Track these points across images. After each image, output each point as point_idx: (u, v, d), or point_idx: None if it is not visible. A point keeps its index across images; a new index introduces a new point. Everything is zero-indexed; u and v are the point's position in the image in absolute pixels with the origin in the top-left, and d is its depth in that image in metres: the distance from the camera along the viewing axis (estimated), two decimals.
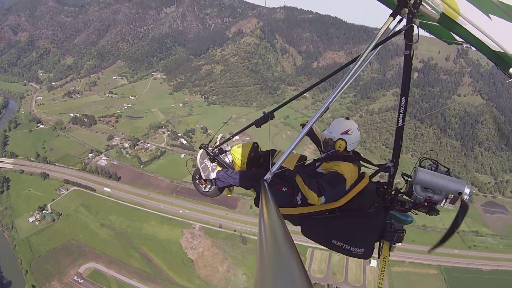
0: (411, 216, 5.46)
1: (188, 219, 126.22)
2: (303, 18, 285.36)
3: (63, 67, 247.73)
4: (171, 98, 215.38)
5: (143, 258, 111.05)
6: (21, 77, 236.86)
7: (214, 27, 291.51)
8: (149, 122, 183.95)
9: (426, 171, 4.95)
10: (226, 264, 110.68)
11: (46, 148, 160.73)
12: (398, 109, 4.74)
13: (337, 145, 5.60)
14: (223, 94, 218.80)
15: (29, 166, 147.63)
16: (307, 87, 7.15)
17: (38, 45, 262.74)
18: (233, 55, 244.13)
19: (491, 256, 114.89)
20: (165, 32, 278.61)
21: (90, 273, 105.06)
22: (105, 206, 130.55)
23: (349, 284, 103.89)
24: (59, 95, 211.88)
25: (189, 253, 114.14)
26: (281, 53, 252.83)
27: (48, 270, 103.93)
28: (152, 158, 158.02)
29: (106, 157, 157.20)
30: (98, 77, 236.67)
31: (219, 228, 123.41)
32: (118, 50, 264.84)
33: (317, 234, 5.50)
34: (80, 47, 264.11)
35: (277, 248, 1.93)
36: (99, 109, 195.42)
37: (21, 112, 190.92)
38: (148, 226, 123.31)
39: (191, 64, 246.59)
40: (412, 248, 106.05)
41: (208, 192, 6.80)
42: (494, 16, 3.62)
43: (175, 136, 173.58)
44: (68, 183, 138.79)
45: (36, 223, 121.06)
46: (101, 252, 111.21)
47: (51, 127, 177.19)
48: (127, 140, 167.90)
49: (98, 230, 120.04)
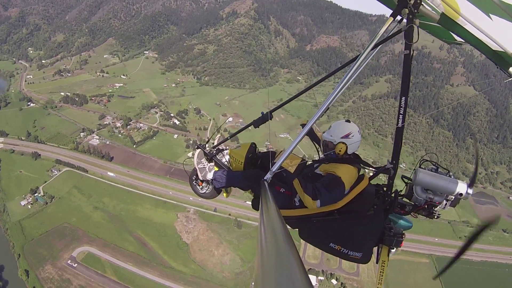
0: (410, 221, 5.42)
1: (183, 202, 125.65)
2: (298, 1, 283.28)
3: (53, 44, 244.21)
4: (163, 78, 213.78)
5: (137, 242, 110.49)
6: (11, 54, 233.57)
7: (208, 7, 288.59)
8: (141, 102, 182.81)
9: (427, 172, 4.90)
10: (221, 248, 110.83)
11: (37, 127, 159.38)
12: (398, 109, 4.72)
13: (337, 148, 5.51)
14: (215, 75, 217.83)
15: (20, 145, 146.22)
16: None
17: (29, 21, 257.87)
18: (227, 35, 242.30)
19: (481, 247, 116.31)
20: (158, 10, 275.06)
21: (84, 257, 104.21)
22: (98, 188, 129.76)
23: (343, 271, 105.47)
24: (49, 73, 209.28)
25: (184, 237, 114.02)
26: (274, 35, 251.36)
27: (41, 254, 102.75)
28: (145, 138, 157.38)
29: (98, 137, 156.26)
30: (89, 55, 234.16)
31: (214, 212, 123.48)
32: (109, 27, 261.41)
33: (314, 236, 5.44)
34: (71, 24, 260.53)
35: (278, 248, 1.94)
36: (90, 88, 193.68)
37: (11, 91, 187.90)
38: (142, 209, 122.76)
39: (184, 43, 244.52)
40: (405, 236, 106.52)
41: (205, 193, 6.70)
42: (495, 16, 3.68)
43: (167, 117, 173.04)
44: (60, 163, 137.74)
45: (29, 206, 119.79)
46: (95, 236, 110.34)
47: (41, 106, 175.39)
48: (119, 119, 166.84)
49: (91, 213, 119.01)
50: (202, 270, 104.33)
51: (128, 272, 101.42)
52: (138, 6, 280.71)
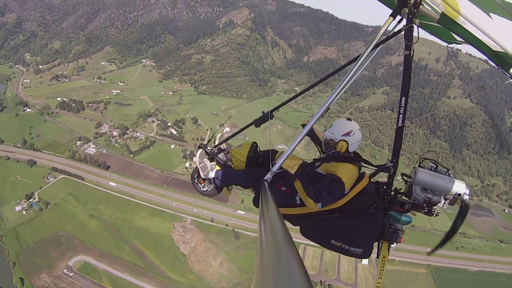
0: (410, 216, 5.43)
1: (180, 212, 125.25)
2: (295, 11, 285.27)
3: (50, 51, 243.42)
4: (161, 86, 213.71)
5: (134, 252, 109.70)
6: (8, 59, 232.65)
7: (205, 16, 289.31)
8: (138, 109, 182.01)
9: (426, 171, 4.92)
10: (219, 259, 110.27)
11: (33, 134, 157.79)
12: (398, 109, 4.72)
13: (338, 146, 5.56)
14: (213, 84, 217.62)
15: (16, 152, 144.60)
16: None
17: (26, 27, 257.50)
18: (224, 45, 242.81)
19: (478, 257, 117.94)
20: (155, 19, 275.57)
21: (81, 266, 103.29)
22: (94, 196, 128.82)
23: (341, 281, 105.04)
24: (46, 78, 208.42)
25: (182, 247, 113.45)
26: (271, 46, 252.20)
27: (36, 262, 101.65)
28: (141, 148, 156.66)
29: (94, 146, 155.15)
30: (86, 62, 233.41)
31: (211, 222, 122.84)
32: (106, 35, 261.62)
33: (316, 234, 5.48)
34: (68, 31, 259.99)
35: (277, 248, 1.95)
36: (87, 94, 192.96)
37: (7, 95, 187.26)
38: (139, 218, 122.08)
39: (181, 52, 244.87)
40: (403, 247, 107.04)
41: (206, 191, 6.71)
42: (495, 15, 3.65)
43: (164, 126, 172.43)
44: (56, 171, 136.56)
45: (23, 212, 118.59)
46: (91, 245, 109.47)
47: (38, 112, 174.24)
48: (116, 128, 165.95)
49: (87, 221, 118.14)
50: (200, 280, 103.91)
51: (125, 282, 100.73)
52: (135, 15, 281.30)
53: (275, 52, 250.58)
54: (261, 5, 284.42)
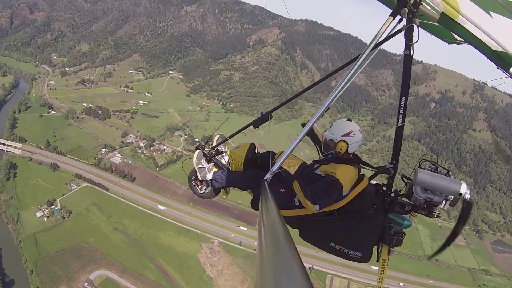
0: (410, 220, 5.21)
1: (206, 232, 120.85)
2: (324, 34, 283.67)
3: (78, 53, 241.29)
4: (188, 100, 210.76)
5: (158, 270, 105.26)
6: (34, 57, 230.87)
7: (234, 32, 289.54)
8: (165, 122, 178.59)
9: (427, 172, 4.81)
10: (246, 285, 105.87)
11: (57, 136, 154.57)
12: (398, 109, 4.68)
13: (338, 146, 5.38)
14: (241, 102, 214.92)
15: (38, 154, 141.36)
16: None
17: (54, 27, 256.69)
18: (254, 64, 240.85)
19: None
20: (185, 30, 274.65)
21: (102, 281, 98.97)
22: (118, 208, 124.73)
23: None
24: (72, 82, 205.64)
25: (208, 270, 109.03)
26: (300, 68, 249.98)
27: (55, 273, 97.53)
28: (168, 162, 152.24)
29: (120, 155, 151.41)
30: (114, 68, 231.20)
31: (239, 246, 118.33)
32: (135, 43, 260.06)
33: (315, 236, 5.35)
34: (97, 35, 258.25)
35: (278, 248, 1.94)
36: (114, 102, 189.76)
37: (32, 95, 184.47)
38: (164, 235, 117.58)
39: (210, 67, 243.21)
40: (426, 282, 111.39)
41: (204, 193, 6.54)
42: (495, 13, 3.59)
43: (192, 141, 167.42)
44: (80, 178, 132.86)
45: (44, 219, 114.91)
46: (114, 259, 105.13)
47: (63, 115, 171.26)
48: (142, 139, 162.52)
49: (110, 235, 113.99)
50: None
51: None
52: (165, 25, 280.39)
53: (304, 75, 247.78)
54: (290, 25, 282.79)
